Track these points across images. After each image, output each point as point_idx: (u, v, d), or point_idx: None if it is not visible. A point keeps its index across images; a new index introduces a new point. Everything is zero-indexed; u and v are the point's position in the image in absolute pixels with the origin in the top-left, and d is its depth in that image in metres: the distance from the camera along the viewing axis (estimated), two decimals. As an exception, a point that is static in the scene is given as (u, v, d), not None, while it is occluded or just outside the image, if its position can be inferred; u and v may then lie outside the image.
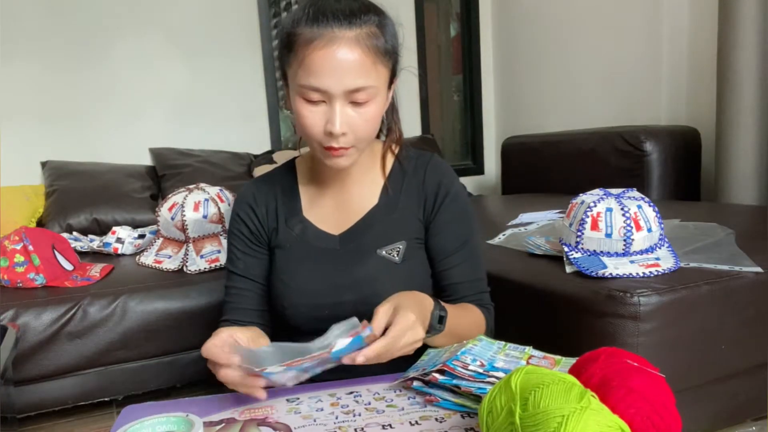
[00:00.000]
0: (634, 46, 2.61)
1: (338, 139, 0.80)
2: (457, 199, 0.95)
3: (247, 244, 0.97)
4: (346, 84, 0.78)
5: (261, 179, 1.01)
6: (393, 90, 0.91)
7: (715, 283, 1.11)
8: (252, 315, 0.97)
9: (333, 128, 0.79)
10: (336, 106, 0.79)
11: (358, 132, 0.82)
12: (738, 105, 2.04)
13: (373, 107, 0.81)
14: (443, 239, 0.95)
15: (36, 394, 1.60)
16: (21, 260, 1.63)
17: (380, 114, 0.85)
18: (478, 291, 0.97)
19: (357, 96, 0.79)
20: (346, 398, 0.78)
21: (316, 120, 0.80)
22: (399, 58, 0.87)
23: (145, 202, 2.49)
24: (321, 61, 0.77)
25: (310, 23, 0.77)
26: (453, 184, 0.96)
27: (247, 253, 0.97)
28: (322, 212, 0.96)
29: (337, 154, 0.83)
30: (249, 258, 0.97)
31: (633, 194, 1.21)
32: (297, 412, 0.75)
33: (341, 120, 0.79)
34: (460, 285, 0.95)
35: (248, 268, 0.97)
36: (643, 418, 0.58)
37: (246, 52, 3.00)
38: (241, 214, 0.98)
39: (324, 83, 0.77)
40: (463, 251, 0.95)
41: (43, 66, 2.61)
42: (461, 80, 3.69)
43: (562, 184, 2.56)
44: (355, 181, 0.95)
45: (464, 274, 0.95)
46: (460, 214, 0.95)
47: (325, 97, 0.79)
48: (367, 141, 0.86)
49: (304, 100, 0.80)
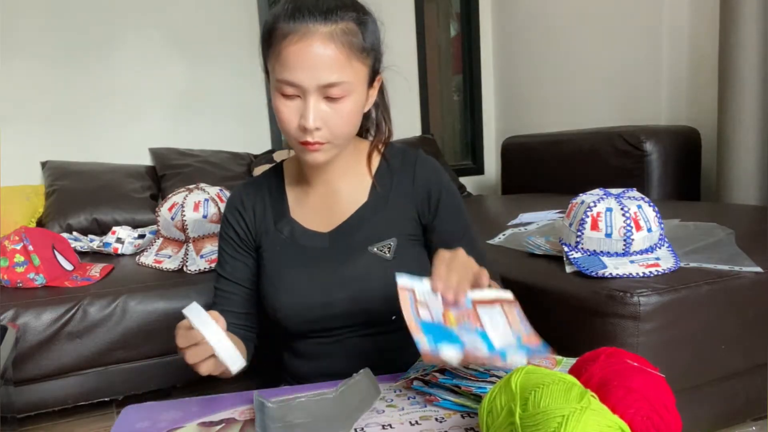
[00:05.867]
0: (635, 46, 2.61)
1: (312, 133, 0.81)
2: (450, 192, 0.96)
3: (236, 248, 0.98)
4: (319, 78, 0.78)
5: (249, 183, 1.02)
6: (378, 88, 0.91)
7: (715, 283, 1.11)
8: (238, 317, 0.97)
9: (306, 123, 0.80)
10: (310, 100, 0.80)
11: (333, 128, 0.82)
12: (739, 104, 2.04)
13: (348, 103, 0.82)
14: (446, 234, 0.95)
15: (36, 394, 1.60)
16: (21, 260, 1.63)
17: (357, 111, 0.85)
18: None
19: (331, 91, 0.80)
20: (346, 398, 0.78)
21: (291, 114, 0.81)
22: (380, 56, 0.88)
23: (145, 202, 2.49)
24: (295, 55, 0.78)
25: (288, 18, 0.79)
26: (444, 179, 0.97)
27: (235, 257, 0.98)
28: (310, 212, 0.97)
29: (312, 149, 0.83)
30: (237, 262, 0.98)
31: (633, 194, 1.21)
32: (297, 412, 0.75)
33: (314, 114, 0.80)
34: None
35: (235, 272, 0.98)
36: (643, 418, 0.58)
37: (246, 52, 2.99)
38: (230, 218, 0.99)
39: (297, 77, 0.78)
40: (464, 240, 0.94)
41: (43, 66, 2.61)
42: (461, 80, 3.69)
43: (562, 184, 2.56)
44: (340, 180, 0.95)
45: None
46: (456, 207, 0.96)
47: (299, 91, 0.80)
48: (345, 137, 0.86)
49: (281, 94, 0.81)
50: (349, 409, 0.71)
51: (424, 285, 0.73)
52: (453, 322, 0.71)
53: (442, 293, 0.70)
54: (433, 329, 0.69)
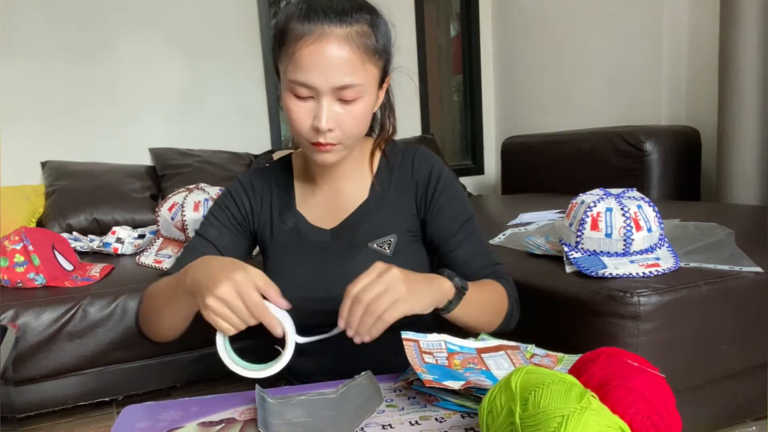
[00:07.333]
0: (635, 45, 2.61)
1: (325, 134, 0.81)
2: (448, 184, 0.95)
3: (230, 220, 0.97)
4: (333, 81, 0.78)
5: (259, 172, 1.02)
6: (386, 88, 0.91)
7: (715, 283, 1.11)
8: None
9: (319, 124, 0.80)
10: (323, 102, 0.80)
11: (345, 129, 0.82)
12: (739, 104, 2.04)
13: (360, 105, 0.82)
14: (443, 224, 0.94)
15: (36, 394, 1.60)
16: (21, 260, 1.63)
17: (369, 112, 0.85)
18: (490, 264, 0.95)
19: (344, 93, 0.80)
20: (346, 398, 0.78)
21: (304, 115, 0.81)
22: (391, 57, 0.88)
23: (145, 202, 2.49)
24: (310, 56, 0.77)
25: (302, 19, 0.78)
26: (442, 170, 0.96)
27: (225, 226, 0.97)
28: (315, 208, 0.97)
29: (324, 150, 0.84)
30: (225, 231, 0.96)
31: (633, 194, 1.21)
32: (297, 412, 0.75)
33: (328, 116, 0.80)
34: (469, 262, 0.94)
35: (220, 238, 0.95)
36: (643, 418, 0.58)
37: (246, 52, 3.00)
38: (234, 194, 0.98)
39: (312, 79, 0.78)
40: (464, 230, 0.94)
41: (43, 66, 2.61)
42: (461, 80, 3.69)
43: (562, 184, 2.56)
44: (345, 178, 0.96)
45: (471, 250, 0.94)
46: (454, 198, 0.96)
47: (313, 92, 0.80)
48: (355, 138, 0.86)
49: (293, 95, 0.81)
50: (350, 410, 0.71)
51: (428, 338, 0.77)
52: (458, 365, 0.75)
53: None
54: (438, 370, 0.72)
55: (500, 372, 0.74)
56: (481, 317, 0.86)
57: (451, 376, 0.71)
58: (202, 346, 1.71)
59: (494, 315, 0.90)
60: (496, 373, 0.74)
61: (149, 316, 0.88)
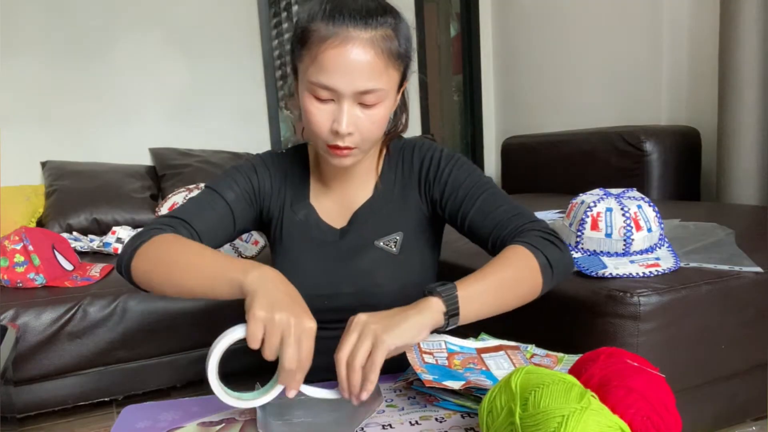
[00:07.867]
0: (635, 45, 2.61)
1: (344, 138, 0.80)
2: (450, 159, 0.93)
3: (248, 191, 0.94)
4: (356, 85, 0.77)
5: (279, 156, 1.00)
6: (402, 91, 0.91)
7: (715, 283, 1.11)
8: (195, 232, 0.87)
9: (339, 127, 0.79)
10: (344, 105, 0.79)
11: (364, 133, 0.82)
12: (739, 104, 2.04)
13: (381, 110, 0.81)
14: (452, 198, 0.91)
15: (36, 394, 1.60)
16: (21, 260, 1.63)
17: (387, 116, 0.85)
18: (514, 224, 0.85)
19: (366, 98, 0.79)
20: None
21: (324, 118, 0.80)
22: (410, 61, 0.86)
23: (145, 202, 2.49)
24: (334, 59, 0.76)
25: (326, 20, 0.77)
26: (442, 152, 0.94)
27: (243, 195, 0.93)
28: (326, 204, 0.97)
29: (341, 154, 0.83)
30: (242, 199, 0.93)
31: (633, 194, 1.21)
32: (297, 412, 0.75)
33: (348, 120, 0.79)
34: (484, 225, 0.87)
35: (236, 204, 0.92)
36: (643, 418, 0.58)
37: (246, 52, 3.00)
38: (258, 169, 0.96)
39: (335, 82, 0.77)
40: (479, 197, 0.89)
41: (43, 66, 2.61)
42: (461, 80, 3.69)
43: (562, 184, 2.56)
44: (353, 176, 0.96)
45: (485, 212, 0.88)
46: (460, 168, 0.92)
47: (335, 96, 0.79)
48: (372, 142, 0.86)
49: (314, 97, 0.80)
50: (350, 410, 0.71)
51: (429, 338, 0.77)
52: (458, 365, 0.75)
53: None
54: (438, 370, 0.73)
55: (500, 372, 0.75)
56: (507, 298, 0.78)
57: (451, 376, 0.71)
58: (202, 346, 1.71)
59: (520, 285, 0.80)
60: (496, 373, 0.74)
61: (155, 273, 0.80)
